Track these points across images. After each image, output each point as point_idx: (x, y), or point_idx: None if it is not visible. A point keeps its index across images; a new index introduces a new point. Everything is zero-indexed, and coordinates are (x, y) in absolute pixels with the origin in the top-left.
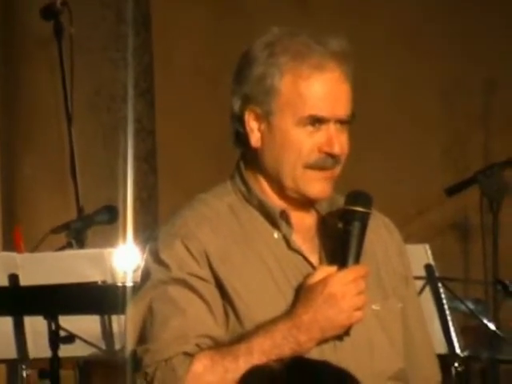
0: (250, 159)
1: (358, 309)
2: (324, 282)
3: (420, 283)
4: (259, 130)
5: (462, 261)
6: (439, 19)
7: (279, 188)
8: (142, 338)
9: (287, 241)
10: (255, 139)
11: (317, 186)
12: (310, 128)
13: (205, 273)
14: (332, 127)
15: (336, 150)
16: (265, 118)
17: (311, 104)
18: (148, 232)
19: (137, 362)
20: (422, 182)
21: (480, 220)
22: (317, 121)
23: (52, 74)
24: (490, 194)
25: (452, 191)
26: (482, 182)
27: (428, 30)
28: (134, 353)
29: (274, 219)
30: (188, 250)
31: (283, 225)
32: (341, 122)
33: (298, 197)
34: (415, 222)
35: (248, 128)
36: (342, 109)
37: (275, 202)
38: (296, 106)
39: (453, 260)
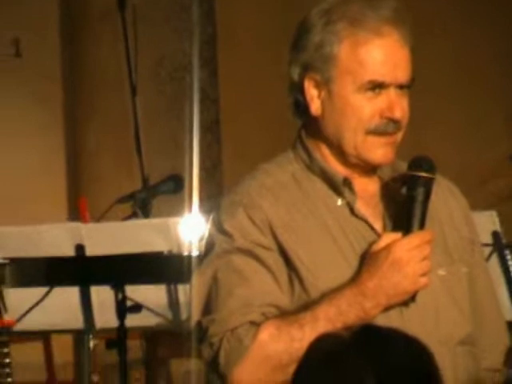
0: (311, 128)
1: (424, 274)
2: (389, 248)
3: (487, 250)
4: (319, 97)
5: None
6: None
7: (341, 155)
8: (208, 307)
9: (351, 208)
10: (315, 107)
11: (379, 151)
12: (370, 94)
13: (268, 241)
14: (392, 92)
15: (397, 114)
16: (325, 85)
17: (371, 69)
18: (212, 202)
19: (203, 332)
20: (486, 150)
21: None
22: (377, 86)
23: (115, 46)
24: None
25: None
26: None
27: None
28: (200, 323)
29: (337, 186)
30: (251, 219)
31: (346, 192)
32: (401, 86)
33: (360, 163)
34: (480, 190)
35: (308, 96)
36: (402, 73)
37: (338, 169)
38: (355, 72)
39: None
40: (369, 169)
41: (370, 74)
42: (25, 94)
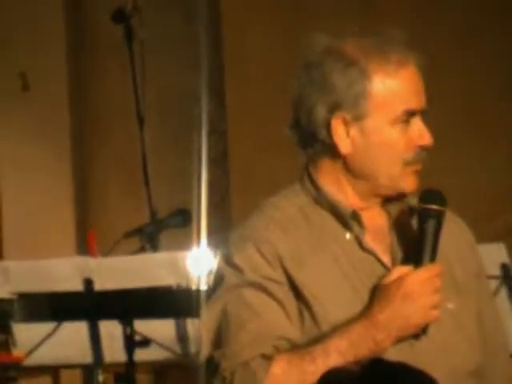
0: (326, 163)
1: (435, 307)
2: (400, 280)
3: (496, 283)
4: (348, 135)
5: None
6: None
7: (366, 188)
8: (218, 341)
9: (359, 241)
10: (345, 145)
11: (410, 180)
12: (401, 125)
13: (278, 275)
14: (419, 119)
15: (429, 140)
16: (355, 122)
17: (405, 99)
18: (220, 235)
19: (214, 366)
20: (495, 180)
21: None
22: (409, 115)
23: (123, 78)
24: None
25: None
26: None
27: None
28: (211, 357)
29: (346, 220)
30: (260, 252)
31: (355, 225)
32: (422, 112)
33: (392, 194)
34: (489, 222)
35: (336, 135)
36: (424, 98)
37: (346, 202)
38: (390, 105)
39: None
40: (382, 201)
41: (404, 104)
42: (32, 126)
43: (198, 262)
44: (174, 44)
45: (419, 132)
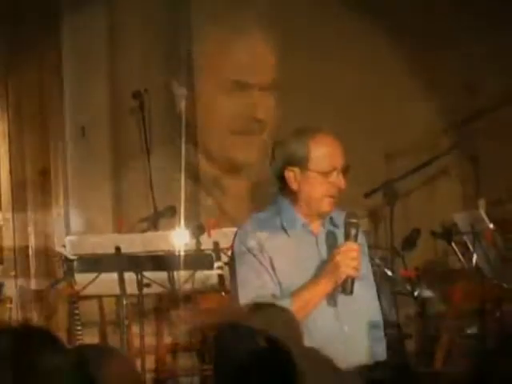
0: None
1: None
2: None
3: None
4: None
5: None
6: None
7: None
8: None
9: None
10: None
11: (241, 149)
12: (235, 94)
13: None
14: (260, 94)
15: (263, 115)
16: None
17: (235, 69)
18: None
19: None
20: None
21: None
22: (240, 86)
23: None
24: None
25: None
26: None
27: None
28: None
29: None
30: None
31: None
32: (262, 88)
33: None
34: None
35: None
36: (270, 74)
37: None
38: (219, 72)
39: None
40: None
41: (235, 74)
42: None
43: None
44: None
45: (253, 105)
